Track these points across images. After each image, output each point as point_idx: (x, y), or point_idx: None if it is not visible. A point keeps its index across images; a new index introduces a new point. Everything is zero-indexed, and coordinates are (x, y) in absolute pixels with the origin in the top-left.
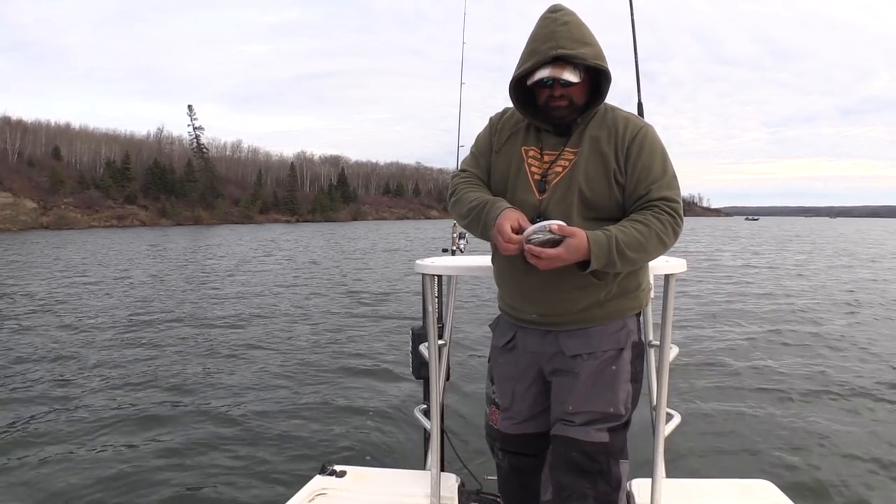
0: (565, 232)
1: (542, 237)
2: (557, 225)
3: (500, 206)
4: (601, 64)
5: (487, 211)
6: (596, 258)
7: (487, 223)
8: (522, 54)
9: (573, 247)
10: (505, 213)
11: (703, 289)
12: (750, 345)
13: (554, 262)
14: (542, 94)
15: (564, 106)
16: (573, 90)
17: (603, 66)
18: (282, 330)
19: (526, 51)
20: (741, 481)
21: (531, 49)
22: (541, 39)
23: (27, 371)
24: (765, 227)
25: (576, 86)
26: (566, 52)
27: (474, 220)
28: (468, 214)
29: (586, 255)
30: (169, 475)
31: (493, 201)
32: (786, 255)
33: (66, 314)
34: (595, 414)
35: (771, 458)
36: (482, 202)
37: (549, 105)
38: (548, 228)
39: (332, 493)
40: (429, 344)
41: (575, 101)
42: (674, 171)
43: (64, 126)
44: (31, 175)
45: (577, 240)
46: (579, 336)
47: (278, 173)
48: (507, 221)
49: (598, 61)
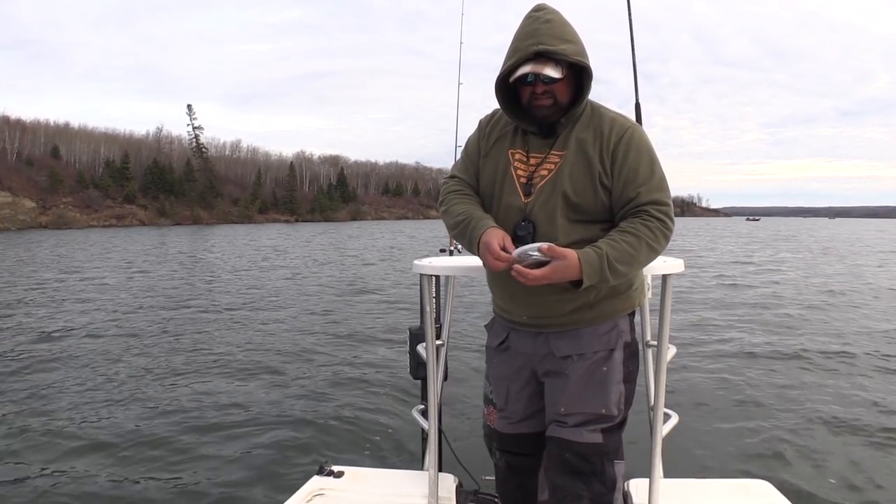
0: (555, 254)
1: (531, 259)
2: (548, 246)
3: (484, 224)
4: (582, 60)
5: (472, 228)
6: (588, 277)
7: (472, 239)
8: (507, 53)
9: (560, 268)
10: (490, 232)
11: (702, 287)
12: (749, 345)
13: (540, 282)
14: (526, 91)
15: (548, 105)
16: (556, 88)
17: (584, 63)
18: (278, 330)
19: (509, 49)
20: (739, 481)
21: (514, 47)
22: (523, 37)
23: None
24: (762, 227)
25: (559, 83)
26: (547, 48)
27: (460, 234)
28: (455, 227)
29: (578, 275)
30: (166, 475)
31: (478, 218)
32: (785, 255)
33: (65, 312)
34: (587, 415)
35: (769, 458)
36: (467, 217)
37: (532, 104)
38: (537, 249)
39: (329, 494)
40: (426, 344)
41: (559, 99)
42: (662, 172)
43: (63, 125)
44: (30, 174)
45: (566, 261)
46: (570, 337)
47: (277, 173)
48: (493, 240)
49: (579, 58)
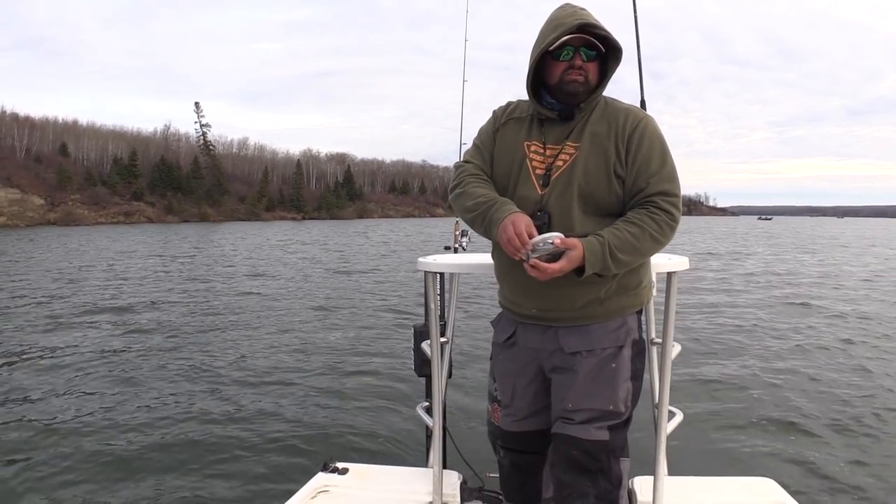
0: (568, 244)
1: (546, 252)
2: (560, 239)
3: (510, 209)
4: (616, 41)
5: (495, 210)
6: (590, 264)
7: (493, 221)
8: (541, 34)
9: (574, 259)
10: (516, 217)
11: (705, 286)
12: (754, 342)
13: (556, 275)
14: (558, 68)
15: (581, 81)
16: (589, 67)
17: (618, 45)
18: (283, 327)
19: (546, 29)
20: (744, 479)
21: (555, 24)
22: (563, 16)
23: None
24: (776, 227)
25: (592, 63)
26: (590, 22)
27: (479, 215)
28: (474, 209)
29: (581, 262)
30: (171, 472)
31: (503, 202)
32: (804, 257)
33: (80, 309)
34: (595, 412)
35: (774, 455)
36: (490, 200)
37: (564, 79)
38: (552, 242)
39: (334, 491)
40: (431, 341)
41: (589, 78)
42: (673, 163)
43: (71, 123)
44: (39, 171)
45: (576, 251)
46: (579, 333)
47: (284, 171)
48: (521, 222)
49: (615, 39)
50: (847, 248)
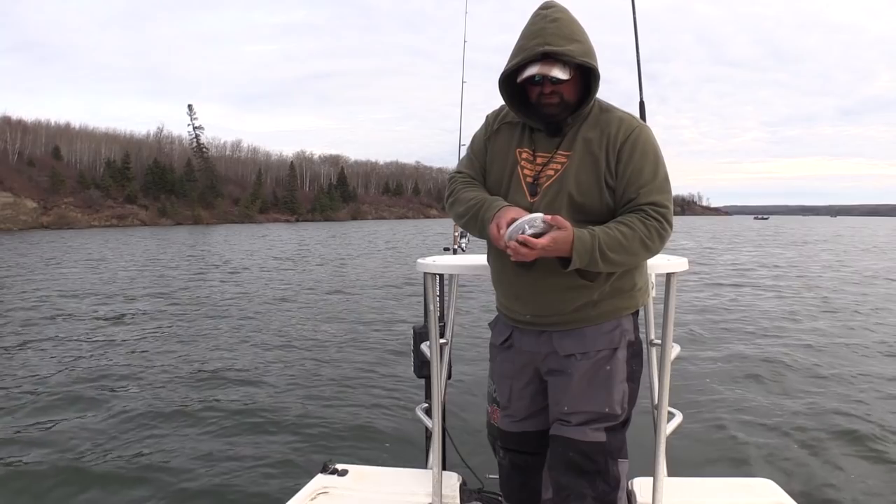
0: (558, 223)
1: (534, 230)
2: (552, 217)
3: (499, 205)
4: (588, 61)
5: (486, 209)
6: (578, 255)
7: (485, 221)
8: (513, 51)
9: (560, 239)
10: (505, 210)
11: (704, 286)
12: (753, 344)
13: (540, 253)
14: (533, 91)
15: (555, 103)
16: (563, 88)
17: (590, 64)
18: (282, 329)
19: (515, 47)
20: (743, 480)
21: (520, 46)
22: (529, 36)
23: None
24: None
25: (566, 83)
26: (553, 49)
27: (472, 218)
28: (466, 213)
29: (569, 252)
30: (171, 472)
31: (492, 200)
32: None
33: (71, 309)
34: (591, 414)
35: (773, 457)
36: (480, 200)
37: (540, 102)
38: (540, 220)
39: (333, 492)
40: (430, 343)
41: (566, 98)
42: (666, 173)
43: (64, 126)
44: (32, 175)
45: (564, 233)
46: (573, 336)
47: (278, 173)
48: (510, 213)
49: (585, 58)
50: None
